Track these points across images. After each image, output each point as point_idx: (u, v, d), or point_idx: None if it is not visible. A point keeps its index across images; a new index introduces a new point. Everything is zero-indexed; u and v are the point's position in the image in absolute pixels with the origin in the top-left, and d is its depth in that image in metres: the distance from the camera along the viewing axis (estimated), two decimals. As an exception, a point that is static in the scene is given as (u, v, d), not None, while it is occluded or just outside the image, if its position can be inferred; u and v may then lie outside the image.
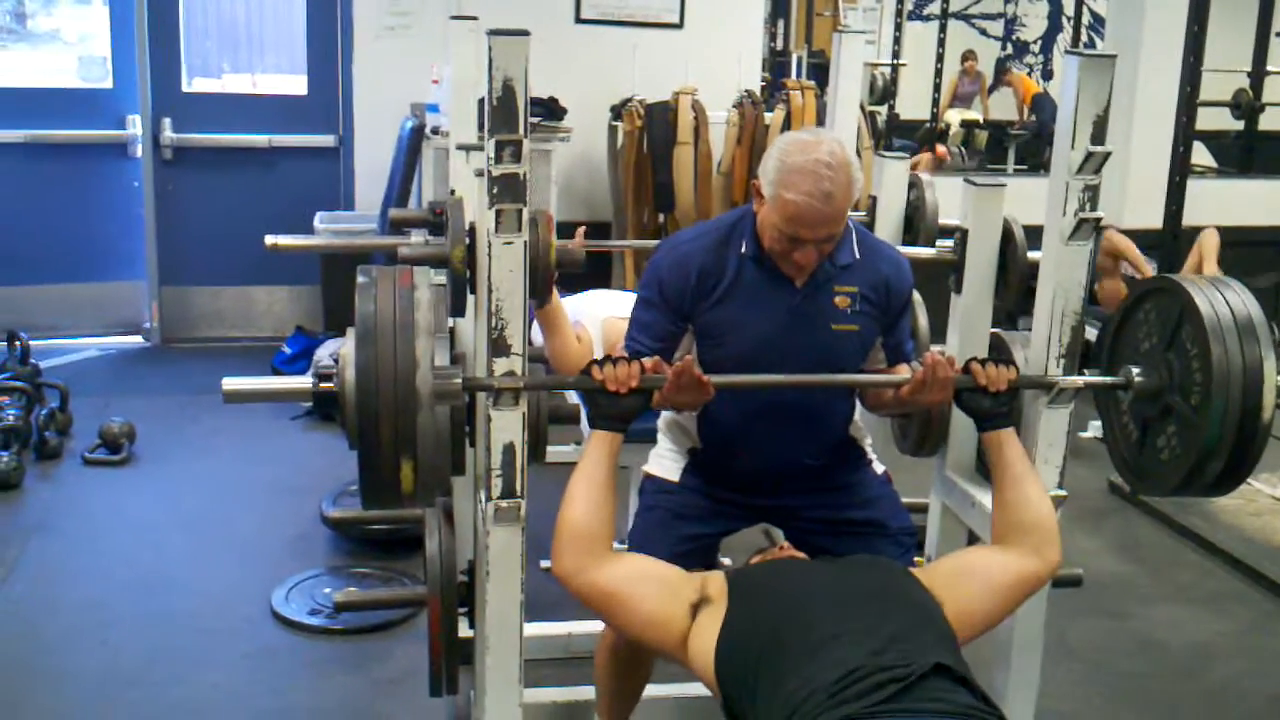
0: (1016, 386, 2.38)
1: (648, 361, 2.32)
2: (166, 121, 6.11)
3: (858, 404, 2.71)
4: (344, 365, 2.07)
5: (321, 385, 2.13)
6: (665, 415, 2.70)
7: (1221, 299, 2.30)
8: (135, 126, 6.13)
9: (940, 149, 8.86)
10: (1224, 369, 2.23)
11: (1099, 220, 2.40)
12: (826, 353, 2.52)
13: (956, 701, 1.94)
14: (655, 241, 3.43)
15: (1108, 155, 2.35)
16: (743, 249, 2.48)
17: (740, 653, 2.12)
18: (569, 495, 2.27)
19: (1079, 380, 2.45)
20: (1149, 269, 5.68)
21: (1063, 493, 2.48)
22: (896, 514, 2.66)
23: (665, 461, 2.68)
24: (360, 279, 2.17)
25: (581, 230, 3.22)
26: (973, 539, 3.06)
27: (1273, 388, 2.23)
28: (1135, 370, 2.42)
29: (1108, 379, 2.47)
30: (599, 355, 3.61)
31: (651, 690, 2.71)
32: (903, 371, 2.49)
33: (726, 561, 3.62)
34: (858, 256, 2.52)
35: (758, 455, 2.58)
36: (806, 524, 2.62)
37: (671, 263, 2.53)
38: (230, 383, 2.16)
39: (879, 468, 2.72)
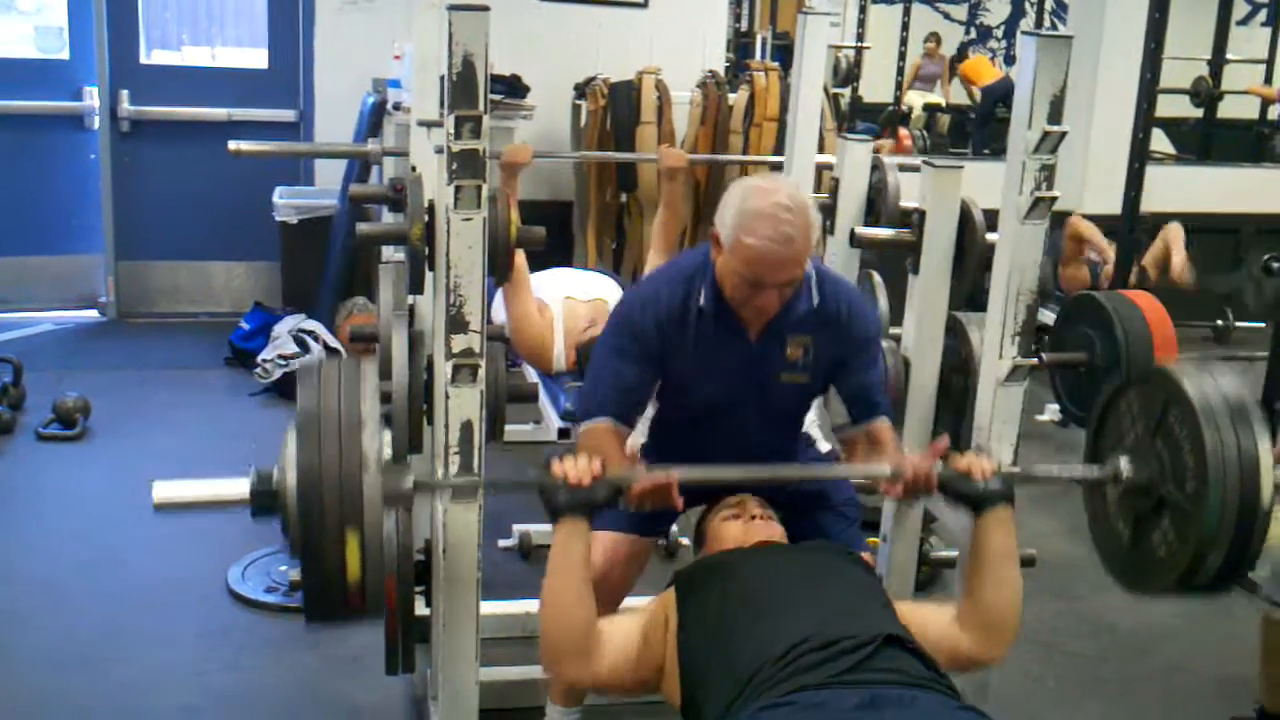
0: (1001, 475, 2.27)
1: (622, 455, 2.29)
2: (124, 93, 6.04)
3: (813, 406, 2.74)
4: (285, 467, 1.92)
5: (259, 489, 1.97)
6: None
7: (1209, 381, 2.19)
8: (92, 98, 6.05)
9: (903, 132, 8.88)
10: (1219, 454, 2.10)
11: (1054, 199, 2.41)
12: (771, 401, 2.57)
13: (911, 671, 1.97)
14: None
15: (1064, 135, 2.37)
16: (700, 301, 2.47)
17: (693, 652, 2.14)
18: (551, 598, 2.17)
19: (1033, 360, 2.47)
20: (1111, 253, 5.73)
21: (1017, 469, 2.50)
22: (839, 486, 2.70)
23: None
24: (300, 369, 2.02)
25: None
26: (928, 518, 3.09)
27: (1269, 471, 2.11)
28: (1124, 461, 2.29)
29: (1096, 473, 2.34)
30: (559, 332, 3.62)
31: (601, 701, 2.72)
32: (884, 451, 2.40)
33: (685, 541, 3.64)
34: (815, 303, 2.50)
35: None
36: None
37: (643, 312, 2.51)
38: (161, 490, 2.02)
39: (824, 447, 2.77)
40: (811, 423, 2.81)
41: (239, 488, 2.00)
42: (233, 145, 3.35)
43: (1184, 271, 6.03)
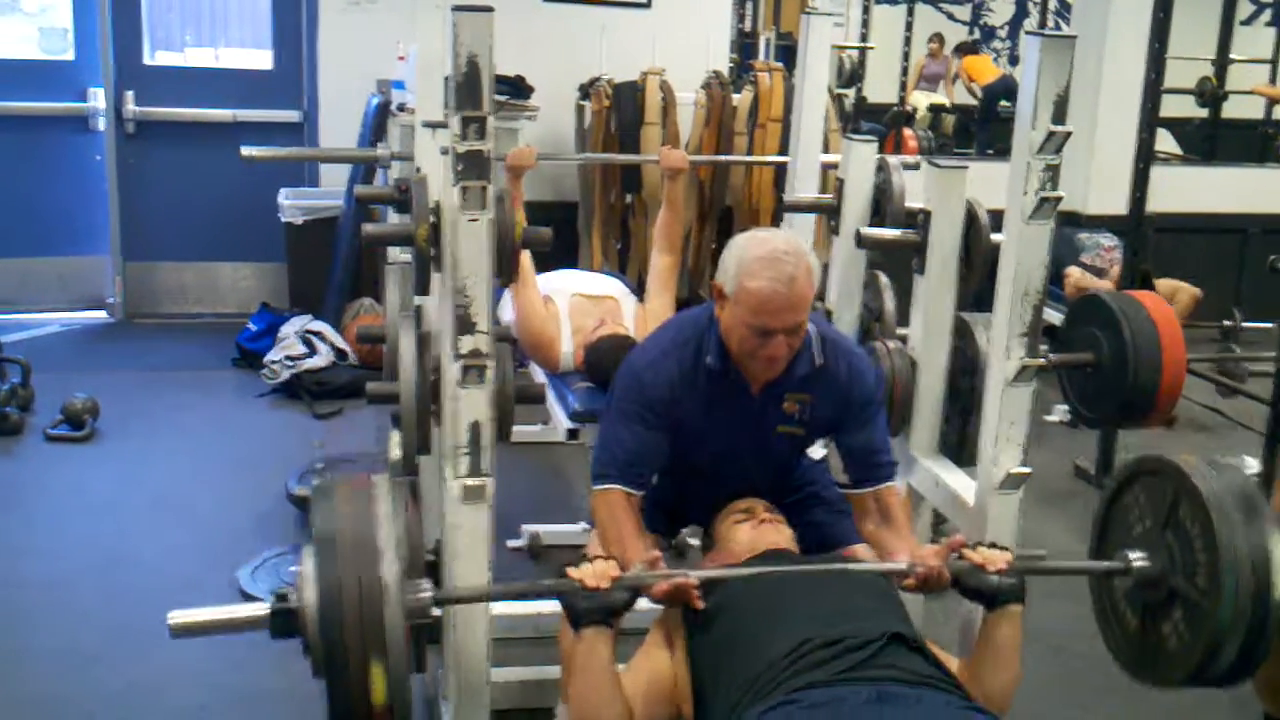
0: (1015, 568, 2.27)
1: (648, 557, 2.27)
2: (129, 95, 6.05)
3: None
4: (303, 589, 1.88)
5: (278, 607, 1.92)
6: None
7: (1218, 476, 2.17)
8: (97, 100, 6.07)
9: (908, 133, 8.88)
10: (1231, 547, 2.08)
11: (1059, 199, 2.41)
12: (766, 452, 2.62)
13: (916, 670, 1.98)
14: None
15: (1068, 135, 2.37)
16: (708, 360, 2.50)
17: (702, 653, 2.16)
18: (581, 699, 2.16)
19: (1040, 360, 2.48)
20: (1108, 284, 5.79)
21: (1025, 470, 2.51)
22: (829, 485, 2.79)
23: None
24: (315, 491, 1.98)
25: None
26: (938, 519, 3.09)
27: None
28: (1134, 554, 2.27)
29: (1106, 564, 2.34)
30: (566, 331, 3.62)
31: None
32: (900, 556, 2.39)
33: (694, 542, 3.64)
34: (818, 364, 2.52)
35: (699, 512, 2.74)
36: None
37: (651, 376, 2.52)
38: (176, 617, 1.99)
39: (817, 454, 2.83)
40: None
41: (259, 611, 1.95)
42: (245, 151, 3.34)
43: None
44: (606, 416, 2.59)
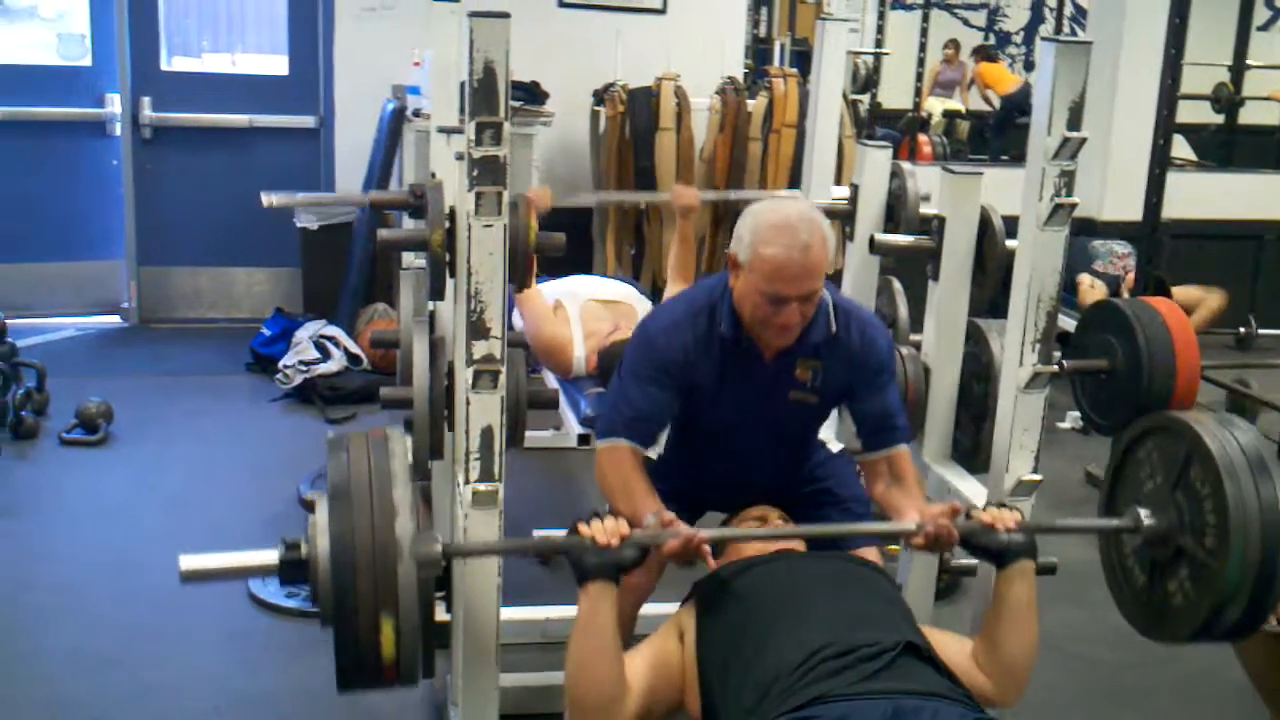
0: (1024, 527, 2.29)
1: (660, 517, 2.30)
2: (146, 100, 6.08)
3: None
4: (315, 540, 1.91)
5: (288, 556, 1.95)
6: None
7: (1230, 437, 2.19)
8: (114, 105, 6.10)
9: (923, 138, 8.87)
10: (1240, 510, 2.11)
11: (1075, 206, 2.41)
12: (780, 421, 2.61)
13: (929, 681, 1.97)
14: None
15: (1083, 141, 2.36)
16: (721, 328, 2.51)
17: (712, 658, 2.15)
18: (580, 659, 2.16)
19: (1053, 367, 2.47)
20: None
21: (1037, 477, 2.50)
22: (846, 484, 2.74)
23: None
24: (330, 440, 2.01)
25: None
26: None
27: None
28: (1144, 512, 2.30)
29: (1115, 522, 2.36)
30: (578, 336, 3.62)
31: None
32: (909, 515, 2.40)
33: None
34: (833, 331, 2.53)
35: (715, 489, 2.72)
36: (759, 497, 2.69)
37: (665, 341, 2.53)
38: (188, 561, 2.01)
39: (835, 446, 2.81)
40: (828, 436, 2.85)
41: (268, 558, 1.98)
42: (266, 199, 3.35)
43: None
44: (616, 380, 2.60)
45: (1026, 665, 2.25)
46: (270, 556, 1.96)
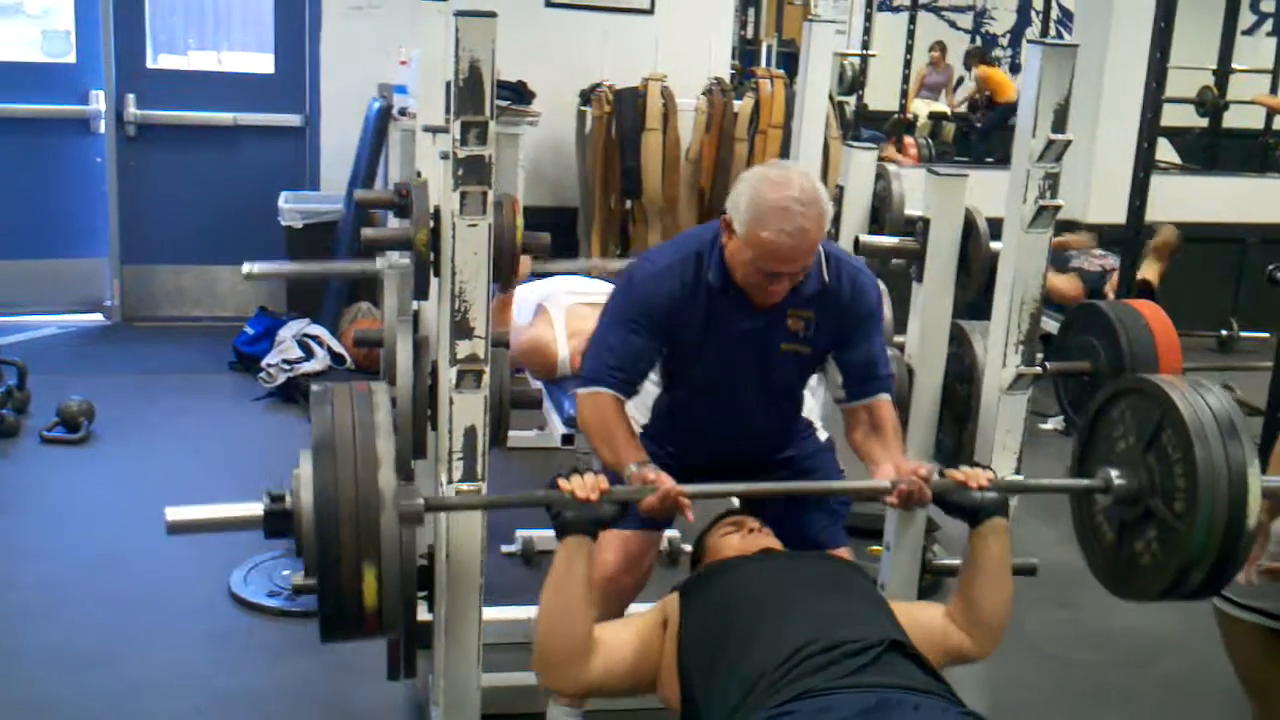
0: (996, 485, 2.32)
1: (642, 468, 2.31)
2: (130, 98, 6.04)
3: (807, 390, 2.78)
4: (299, 493, 1.94)
5: (272, 508, 1.98)
6: None
7: (1202, 401, 2.20)
8: (99, 102, 6.06)
9: (908, 140, 8.89)
10: (1209, 475, 2.13)
11: (1059, 208, 2.42)
12: (770, 372, 2.60)
13: (914, 676, 1.98)
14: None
15: (1068, 143, 2.37)
16: (709, 277, 2.49)
17: (695, 653, 2.15)
18: (551, 610, 2.18)
19: (1036, 369, 2.48)
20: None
21: (1020, 478, 2.51)
22: (831, 475, 2.77)
23: None
24: (314, 392, 2.03)
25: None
26: (931, 526, 3.09)
27: (1257, 493, 2.13)
28: (1114, 473, 2.32)
29: (1086, 482, 2.38)
30: (562, 339, 3.62)
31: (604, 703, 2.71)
32: (884, 473, 2.42)
33: (687, 548, 3.63)
34: (826, 282, 2.52)
35: (706, 450, 2.66)
36: (749, 460, 2.67)
37: (652, 287, 2.52)
38: (174, 513, 2.03)
39: (823, 435, 2.81)
40: (810, 410, 2.84)
41: (253, 510, 2.00)
42: (246, 268, 3.33)
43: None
44: (601, 324, 2.59)
45: (1004, 615, 2.31)
46: (255, 508, 2.00)
